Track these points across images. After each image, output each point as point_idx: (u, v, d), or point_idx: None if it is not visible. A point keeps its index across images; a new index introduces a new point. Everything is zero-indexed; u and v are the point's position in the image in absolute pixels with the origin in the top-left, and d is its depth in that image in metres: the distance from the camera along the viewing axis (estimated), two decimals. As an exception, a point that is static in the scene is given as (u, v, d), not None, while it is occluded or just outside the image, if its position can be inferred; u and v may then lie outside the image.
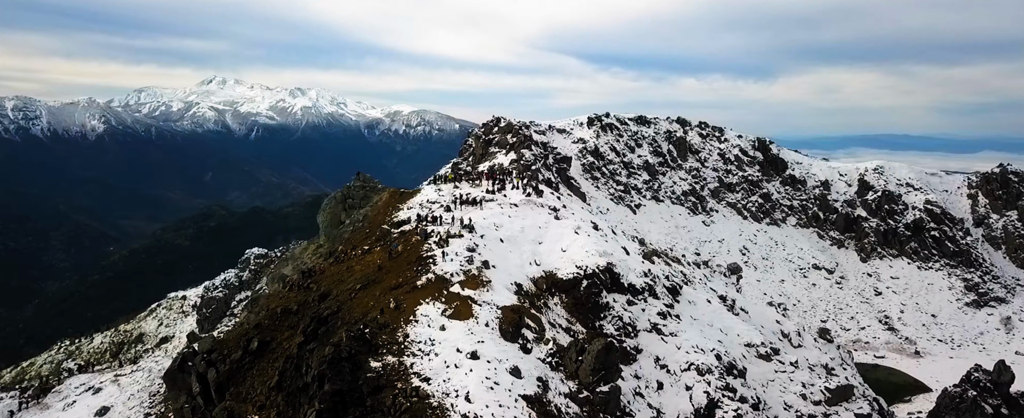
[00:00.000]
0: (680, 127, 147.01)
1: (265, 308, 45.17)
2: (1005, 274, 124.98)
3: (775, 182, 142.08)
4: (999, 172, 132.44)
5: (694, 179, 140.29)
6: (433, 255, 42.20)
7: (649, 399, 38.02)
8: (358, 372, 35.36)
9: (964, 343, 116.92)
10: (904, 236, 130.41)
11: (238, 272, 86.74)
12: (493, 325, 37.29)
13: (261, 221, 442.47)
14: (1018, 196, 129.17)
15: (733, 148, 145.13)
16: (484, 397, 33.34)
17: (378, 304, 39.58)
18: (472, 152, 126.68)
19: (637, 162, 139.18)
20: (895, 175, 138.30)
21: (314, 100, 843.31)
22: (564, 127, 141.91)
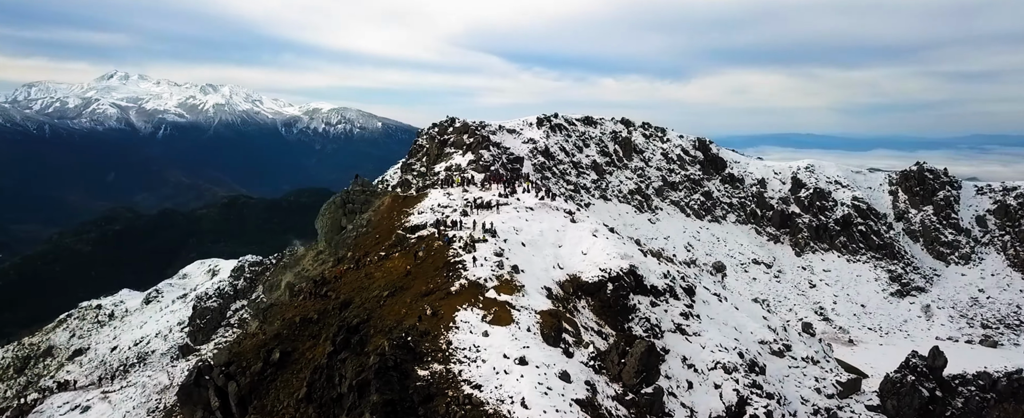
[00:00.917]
0: (625, 128, 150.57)
1: (281, 317, 43.27)
2: (924, 265, 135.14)
3: (715, 181, 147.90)
4: (916, 170, 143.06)
5: (639, 178, 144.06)
6: (462, 260, 41.62)
7: (682, 399, 38.96)
8: (406, 381, 34.60)
9: (891, 331, 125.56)
10: (834, 231, 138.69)
11: (231, 280, 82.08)
12: (535, 330, 37.21)
13: (173, 224, 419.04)
14: (933, 192, 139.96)
15: (675, 148, 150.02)
16: (540, 402, 33.28)
17: (412, 311, 38.72)
18: (426, 153, 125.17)
19: (585, 162, 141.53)
20: (825, 173, 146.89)
21: (227, 97, 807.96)
22: (514, 127, 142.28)
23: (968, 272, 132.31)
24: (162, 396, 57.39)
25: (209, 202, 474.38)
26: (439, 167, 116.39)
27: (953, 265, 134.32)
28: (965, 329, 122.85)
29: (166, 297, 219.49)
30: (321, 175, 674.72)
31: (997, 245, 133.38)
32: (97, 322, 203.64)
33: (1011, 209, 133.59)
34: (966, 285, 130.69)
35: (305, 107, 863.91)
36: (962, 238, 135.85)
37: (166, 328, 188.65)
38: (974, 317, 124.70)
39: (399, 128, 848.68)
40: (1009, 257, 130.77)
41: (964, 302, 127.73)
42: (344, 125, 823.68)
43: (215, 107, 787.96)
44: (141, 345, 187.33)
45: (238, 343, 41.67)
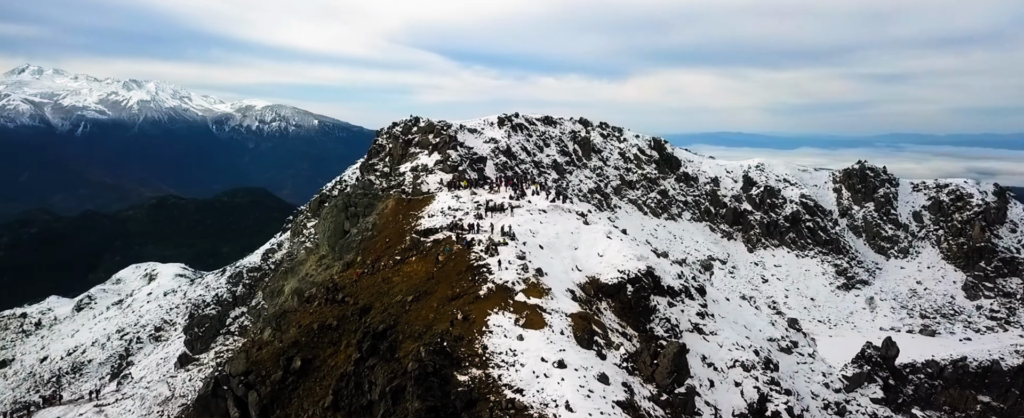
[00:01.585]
0: (583, 127, 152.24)
1: (297, 324, 41.85)
2: (866, 259, 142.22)
3: (670, 179, 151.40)
4: (858, 168, 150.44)
5: (598, 177, 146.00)
6: (486, 264, 41.24)
7: (706, 397, 39.77)
8: (446, 386, 34.20)
9: (839, 322, 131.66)
10: (784, 227, 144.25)
11: (230, 287, 78.09)
12: (568, 333, 37.24)
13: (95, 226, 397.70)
14: (874, 189, 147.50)
15: (632, 147, 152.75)
16: (584, 405, 33.37)
17: (440, 316, 38.16)
18: (389, 153, 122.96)
19: (546, 161, 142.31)
20: (774, 172, 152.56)
21: (153, 93, 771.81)
22: (474, 127, 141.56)
23: (907, 265, 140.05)
24: (165, 408, 54.27)
25: (135, 203, 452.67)
26: (404, 167, 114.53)
27: (893, 259, 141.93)
28: (906, 319, 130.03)
29: (100, 303, 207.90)
30: (256, 174, 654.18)
31: (932, 239, 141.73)
32: (22, 332, 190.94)
33: (944, 205, 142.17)
34: (905, 277, 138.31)
35: (237, 104, 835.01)
36: (901, 233, 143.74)
37: (103, 336, 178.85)
38: (913, 308, 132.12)
39: (337, 126, 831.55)
40: (943, 250, 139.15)
41: (904, 294, 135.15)
42: (279, 123, 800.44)
43: (140, 104, 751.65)
44: (75, 354, 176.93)
45: (252, 351, 39.99)
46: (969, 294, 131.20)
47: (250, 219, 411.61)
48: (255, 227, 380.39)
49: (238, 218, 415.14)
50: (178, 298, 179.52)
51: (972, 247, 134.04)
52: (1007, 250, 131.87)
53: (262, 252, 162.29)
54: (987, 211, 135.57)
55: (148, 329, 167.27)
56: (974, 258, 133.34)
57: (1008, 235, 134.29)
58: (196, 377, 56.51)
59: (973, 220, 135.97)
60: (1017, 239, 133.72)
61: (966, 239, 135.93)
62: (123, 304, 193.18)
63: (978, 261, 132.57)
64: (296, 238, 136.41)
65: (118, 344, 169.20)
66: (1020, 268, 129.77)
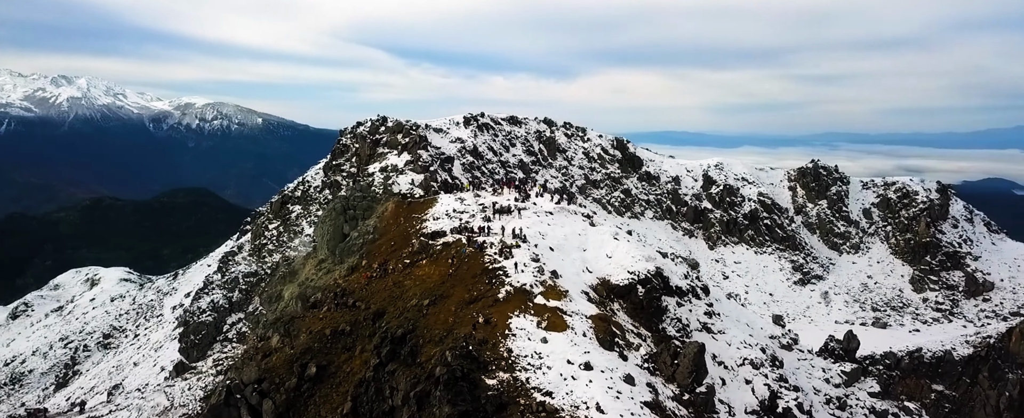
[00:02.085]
0: (547, 127, 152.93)
1: (307, 331, 40.66)
2: (821, 255, 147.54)
3: (633, 178, 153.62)
4: (812, 167, 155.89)
5: (564, 176, 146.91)
6: (501, 266, 40.93)
7: (719, 395, 40.45)
8: (475, 390, 33.90)
9: (796, 317, 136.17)
10: (743, 225, 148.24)
11: (226, 293, 74.80)
12: (590, 335, 37.31)
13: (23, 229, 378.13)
14: (827, 187, 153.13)
15: (595, 147, 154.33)
16: (615, 406, 33.55)
17: (460, 320, 37.74)
18: (356, 153, 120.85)
19: (513, 161, 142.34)
20: (732, 171, 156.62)
21: (85, 90, 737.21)
22: (440, 126, 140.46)
23: (858, 260, 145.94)
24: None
25: (65, 204, 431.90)
26: (373, 168, 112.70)
27: (845, 254, 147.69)
28: (858, 312, 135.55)
29: (38, 311, 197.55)
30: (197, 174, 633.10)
31: (881, 235, 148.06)
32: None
33: (892, 202, 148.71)
34: (857, 272, 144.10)
35: (176, 101, 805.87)
36: (852, 229, 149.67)
37: (45, 345, 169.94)
38: (865, 301, 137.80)
39: (281, 124, 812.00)
40: (891, 246, 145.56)
41: (856, 288, 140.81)
42: (221, 121, 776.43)
43: (70, 101, 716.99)
44: (14, 365, 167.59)
45: (260, 358, 38.69)
46: (916, 287, 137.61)
47: (192, 220, 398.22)
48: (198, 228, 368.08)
49: (179, 219, 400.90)
50: (127, 304, 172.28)
51: (918, 242, 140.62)
52: (950, 245, 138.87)
53: (220, 255, 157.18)
54: (931, 208, 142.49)
55: (95, 337, 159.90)
56: (920, 253, 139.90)
57: (950, 230, 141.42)
58: (196, 386, 54.26)
59: (918, 216, 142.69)
60: (959, 234, 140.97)
61: (912, 235, 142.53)
62: (64, 311, 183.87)
63: (924, 256, 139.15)
64: (256, 240, 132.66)
65: (62, 353, 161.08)
66: (962, 262, 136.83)
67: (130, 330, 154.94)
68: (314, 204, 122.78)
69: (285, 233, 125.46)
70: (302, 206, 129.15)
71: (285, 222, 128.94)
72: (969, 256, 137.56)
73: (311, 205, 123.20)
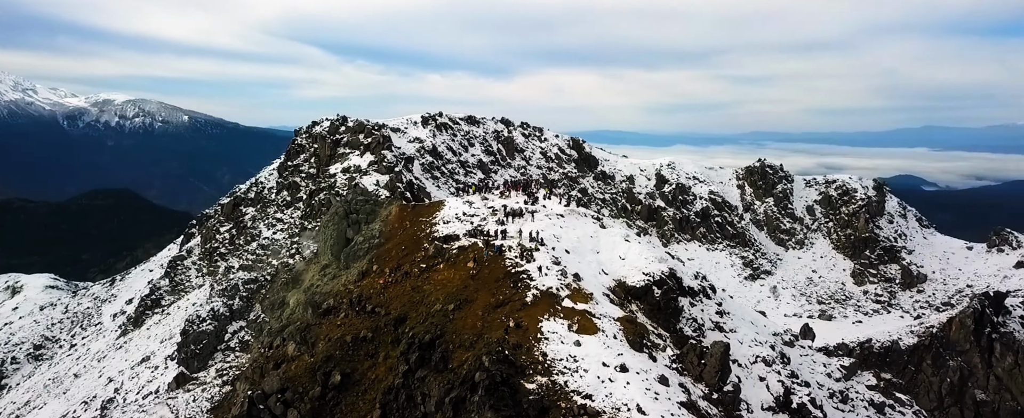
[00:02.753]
0: (505, 127, 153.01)
1: (326, 338, 39.31)
2: (769, 251, 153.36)
3: (589, 178, 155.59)
4: (759, 166, 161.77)
5: (522, 176, 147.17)
6: (524, 270, 40.66)
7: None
8: (516, 395, 33.71)
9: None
10: (695, 222, 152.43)
11: (226, 301, 70.47)
12: (620, 337, 37.56)
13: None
14: (773, 186, 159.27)
15: (552, 147, 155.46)
16: (654, 407, 33.98)
17: (489, 324, 37.37)
18: (315, 154, 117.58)
19: (472, 161, 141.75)
20: (684, 169, 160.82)
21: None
22: (397, 126, 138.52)
23: (803, 255, 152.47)
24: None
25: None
26: (335, 169, 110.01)
27: (791, 250, 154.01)
28: (805, 306, 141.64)
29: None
30: (118, 174, 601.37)
31: (823, 231, 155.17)
32: None
33: (833, 199, 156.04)
34: (802, 267, 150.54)
35: (93, 98, 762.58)
36: (797, 226, 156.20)
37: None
38: (811, 295, 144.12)
39: (209, 122, 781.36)
40: (833, 241, 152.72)
41: (802, 282, 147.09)
42: (143, 118, 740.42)
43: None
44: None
45: (268, 367, 37.21)
46: (857, 280, 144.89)
47: (114, 223, 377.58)
48: (120, 232, 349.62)
49: (100, 222, 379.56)
50: (58, 313, 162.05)
51: (858, 237, 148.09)
52: (887, 239, 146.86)
53: (164, 260, 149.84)
54: (870, 204, 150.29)
55: (24, 348, 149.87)
56: (860, 247, 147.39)
57: (887, 226, 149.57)
58: (201, 397, 51.37)
59: (858, 213, 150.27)
60: (894, 229, 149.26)
61: (852, 230, 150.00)
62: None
63: (863, 250, 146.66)
64: (207, 244, 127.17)
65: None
66: (898, 255, 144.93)
67: (65, 340, 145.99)
68: (272, 206, 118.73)
69: (240, 236, 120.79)
70: (257, 208, 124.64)
71: (238, 225, 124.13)
72: (904, 250, 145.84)
73: (269, 207, 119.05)
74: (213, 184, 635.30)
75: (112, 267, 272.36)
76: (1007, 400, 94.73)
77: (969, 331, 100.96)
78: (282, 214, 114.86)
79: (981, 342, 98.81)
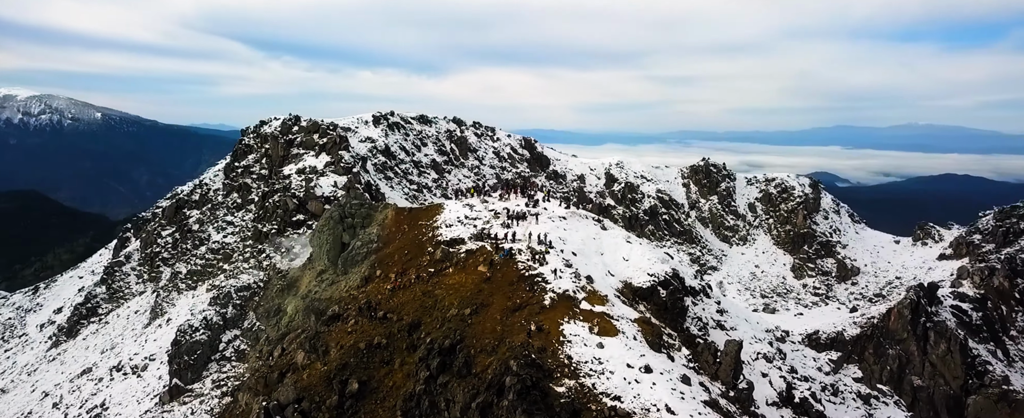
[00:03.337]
0: (457, 127, 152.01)
1: (337, 345, 38.00)
2: (714, 247, 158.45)
3: (541, 177, 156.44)
4: (703, 164, 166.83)
5: (476, 176, 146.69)
6: (539, 273, 40.53)
7: (742, 387, 42.63)
8: (546, 399, 33.85)
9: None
10: (644, 220, 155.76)
11: (219, 309, 65.64)
12: (640, 338, 38.02)
13: None
14: (717, 184, 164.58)
15: (505, 147, 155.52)
16: (682, 407, 34.73)
17: (508, 328, 37.25)
18: (266, 154, 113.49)
19: (425, 161, 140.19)
20: (632, 169, 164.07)
21: None
22: (349, 125, 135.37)
23: (746, 251, 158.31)
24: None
25: None
26: (289, 170, 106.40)
27: (735, 246, 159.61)
28: (750, 300, 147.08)
29: None
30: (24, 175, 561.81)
31: (764, 227, 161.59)
32: None
33: (773, 197, 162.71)
34: (746, 262, 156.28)
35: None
36: (740, 223, 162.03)
37: None
38: (755, 289, 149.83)
39: (125, 119, 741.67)
40: (774, 237, 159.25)
41: (746, 277, 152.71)
42: (50, 115, 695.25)
43: None
44: None
45: (276, 376, 35.66)
46: (796, 274, 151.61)
47: (20, 227, 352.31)
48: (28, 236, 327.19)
49: (3, 226, 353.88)
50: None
51: (797, 233, 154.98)
52: (823, 235, 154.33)
53: (95, 266, 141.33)
54: (807, 201, 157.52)
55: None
56: (798, 243, 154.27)
57: (823, 221, 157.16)
58: (199, 409, 48.30)
59: (796, 209, 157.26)
60: (830, 225, 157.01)
61: (791, 226, 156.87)
62: None
63: (802, 245, 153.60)
64: (148, 249, 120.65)
65: None
66: (833, 250, 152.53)
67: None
68: (221, 208, 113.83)
69: (185, 240, 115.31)
70: (202, 211, 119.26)
71: (182, 228, 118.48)
72: (839, 244, 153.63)
73: (217, 210, 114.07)
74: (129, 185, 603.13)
75: (18, 274, 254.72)
76: (941, 385, 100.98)
77: (906, 321, 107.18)
78: (233, 217, 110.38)
79: (917, 331, 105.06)
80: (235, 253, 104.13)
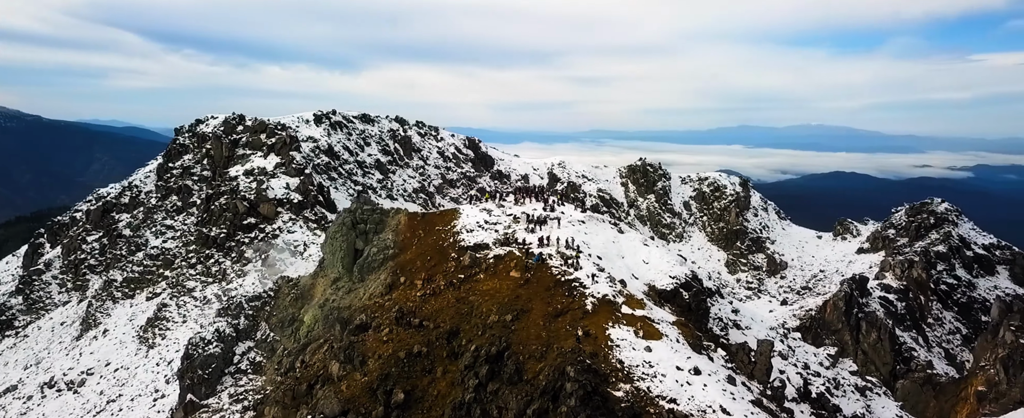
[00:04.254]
0: (400, 126, 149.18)
1: (375, 355, 36.61)
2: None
3: (486, 177, 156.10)
4: (641, 164, 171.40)
5: (421, 176, 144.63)
6: (574, 278, 40.47)
7: (761, 384, 44.05)
8: (607, 403, 34.10)
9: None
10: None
11: (230, 321, 59.22)
12: (682, 340, 38.70)
13: None
14: (654, 183, 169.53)
15: (449, 146, 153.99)
16: (735, 407, 35.80)
17: (553, 334, 37.18)
18: (208, 155, 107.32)
19: (369, 161, 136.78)
20: (574, 168, 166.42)
21: None
22: (288, 124, 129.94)
23: (683, 248, 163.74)
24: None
25: None
26: (235, 171, 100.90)
27: (673, 243, 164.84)
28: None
29: None
30: None
31: (699, 224, 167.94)
32: None
33: (706, 195, 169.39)
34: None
35: None
36: (676, 221, 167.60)
37: None
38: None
39: (4, 114, 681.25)
40: (708, 234, 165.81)
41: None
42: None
43: None
44: None
45: (306, 388, 34.00)
46: (730, 269, 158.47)
47: None
48: None
49: None
50: None
51: (729, 230, 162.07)
52: (754, 231, 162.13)
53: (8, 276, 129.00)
54: (738, 199, 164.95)
55: None
56: (731, 239, 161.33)
57: (753, 219, 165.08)
58: None
59: (729, 207, 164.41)
60: (759, 222, 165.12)
61: (724, 223, 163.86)
62: None
63: (734, 241, 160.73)
64: (71, 255, 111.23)
65: None
66: (763, 246, 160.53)
67: None
68: (159, 212, 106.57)
69: (116, 246, 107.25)
70: (133, 214, 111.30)
71: (111, 233, 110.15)
72: (768, 240, 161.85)
73: (155, 213, 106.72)
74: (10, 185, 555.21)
75: None
76: (872, 371, 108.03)
77: (841, 312, 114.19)
78: (173, 221, 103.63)
79: (850, 321, 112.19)
80: (178, 259, 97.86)
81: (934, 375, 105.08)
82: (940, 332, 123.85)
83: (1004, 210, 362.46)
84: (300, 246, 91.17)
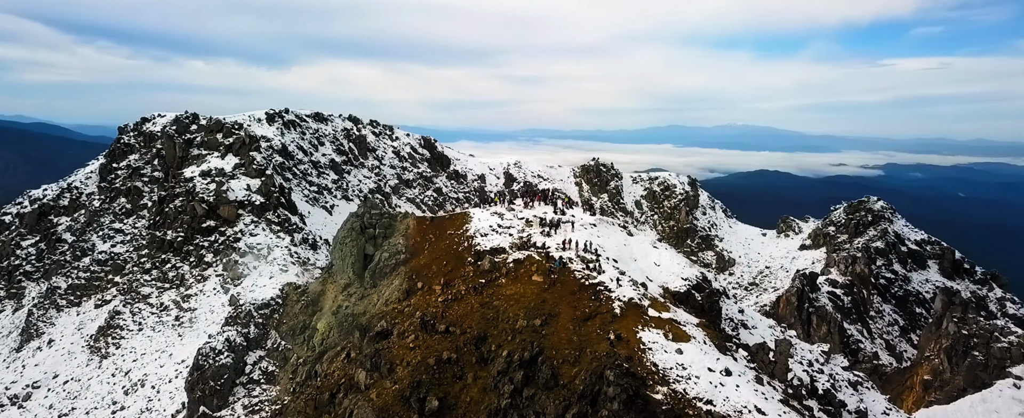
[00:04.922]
0: (354, 125, 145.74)
1: (403, 362, 35.48)
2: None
3: (442, 177, 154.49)
4: (594, 164, 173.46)
5: (377, 176, 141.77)
6: (599, 282, 40.36)
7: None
8: (648, 406, 34.51)
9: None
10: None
11: (240, 329, 54.01)
12: (708, 342, 39.24)
13: None
14: (606, 182, 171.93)
15: (405, 146, 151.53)
16: (769, 407, 36.86)
17: (584, 337, 37.20)
18: (159, 155, 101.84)
19: (324, 161, 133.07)
20: (529, 168, 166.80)
21: None
22: (240, 123, 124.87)
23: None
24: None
25: None
26: (191, 172, 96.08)
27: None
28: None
29: None
30: None
31: (650, 223, 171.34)
32: None
33: (657, 194, 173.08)
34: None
35: None
36: (629, 219, 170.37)
37: None
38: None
39: None
40: (660, 232, 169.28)
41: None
42: None
43: None
44: None
45: (329, 396, 32.57)
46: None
47: None
48: None
49: None
50: None
51: (680, 228, 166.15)
52: (703, 229, 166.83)
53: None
54: (688, 198, 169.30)
55: None
56: (682, 237, 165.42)
57: (702, 217, 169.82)
58: None
59: (679, 206, 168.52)
60: (708, 220, 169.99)
61: (675, 222, 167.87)
62: None
63: (685, 239, 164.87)
64: (5, 261, 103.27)
65: None
66: (712, 243, 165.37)
67: None
68: (106, 215, 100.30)
69: (56, 251, 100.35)
70: (74, 218, 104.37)
71: (50, 238, 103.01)
72: (717, 238, 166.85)
73: (101, 216, 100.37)
74: None
75: None
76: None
77: (793, 307, 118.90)
78: (122, 224, 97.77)
79: (802, 316, 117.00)
80: (130, 264, 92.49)
81: (880, 365, 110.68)
82: (881, 324, 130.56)
83: (911, 207, 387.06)
84: (263, 249, 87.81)
